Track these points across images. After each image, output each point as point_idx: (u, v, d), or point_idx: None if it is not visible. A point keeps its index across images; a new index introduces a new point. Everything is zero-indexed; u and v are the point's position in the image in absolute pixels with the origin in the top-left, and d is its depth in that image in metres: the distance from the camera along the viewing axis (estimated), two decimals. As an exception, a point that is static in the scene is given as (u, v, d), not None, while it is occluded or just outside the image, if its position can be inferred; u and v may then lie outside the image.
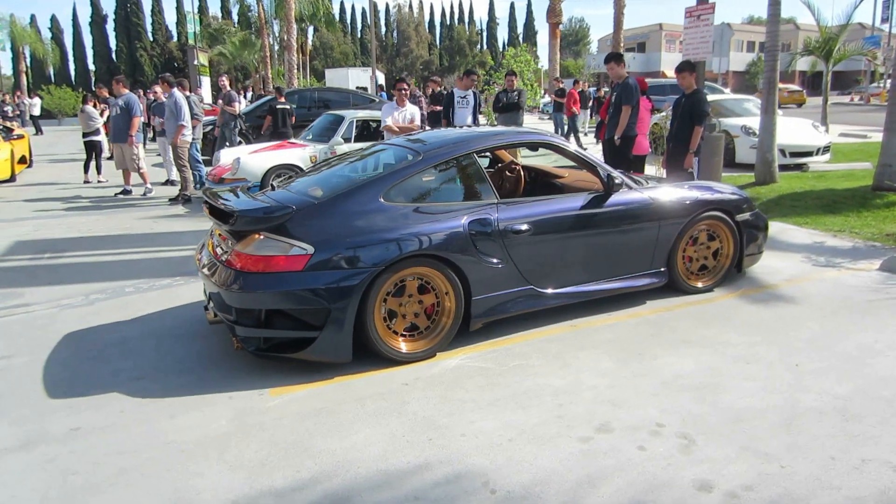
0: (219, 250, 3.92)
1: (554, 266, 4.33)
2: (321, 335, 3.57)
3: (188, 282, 5.54)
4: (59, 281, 5.68)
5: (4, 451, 2.96)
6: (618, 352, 3.92)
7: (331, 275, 3.56)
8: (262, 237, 3.68)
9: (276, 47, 42.98)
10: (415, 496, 2.55)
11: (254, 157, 8.99)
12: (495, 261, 4.02)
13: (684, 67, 7.02)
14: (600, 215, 4.48)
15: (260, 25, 35.80)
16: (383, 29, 75.26)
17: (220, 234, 4.03)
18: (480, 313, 4.04)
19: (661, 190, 4.81)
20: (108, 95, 13.25)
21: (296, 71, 28.97)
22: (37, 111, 28.36)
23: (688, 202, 4.80)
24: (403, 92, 8.21)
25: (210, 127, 12.66)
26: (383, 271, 3.63)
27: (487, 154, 5.48)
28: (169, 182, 11.20)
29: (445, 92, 14.57)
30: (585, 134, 9.50)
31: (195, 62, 30.97)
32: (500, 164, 5.74)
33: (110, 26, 61.32)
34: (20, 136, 14.48)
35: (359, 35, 74.65)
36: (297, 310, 3.60)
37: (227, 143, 11.46)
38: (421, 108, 9.34)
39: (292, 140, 10.24)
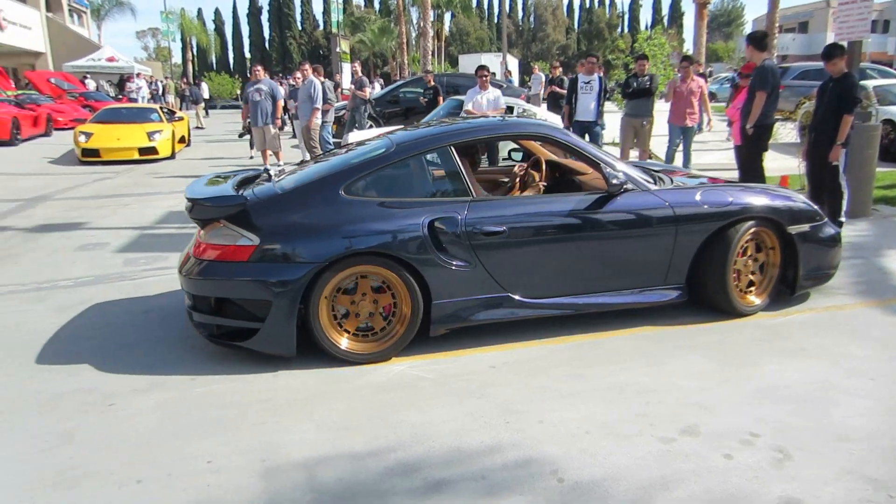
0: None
1: (536, 273, 3.89)
2: (263, 327, 3.53)
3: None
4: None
5: (136, 391, 3.36)
6: (718, 354, 3.73)
7: (273, 267, 3.50)
8: (221, 225, 3.68)
9: (414, 34, 44.03)
10: (482, 475, 2.60)
11: (379, 141, 9.34)
12: (461, 263, 3.69)
13: (834, 53, 6.35)
14: (597, 219, 3.93)
15: (398, 13, 36.78)
16: (520, 13, 74.66)
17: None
18: (442, 318, 3.75)
19: (682, 192, 4.16)
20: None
21: (431, 57, 29.56)
22: (206, 95, 31.19)
23: (716, 208, 4.05)
24: (485, 77, 8.82)
25: (342, 111, 13.28)
26: (328, 267, 3.50)
27: (476, 146, 4.89)
28: (303, 163, 11.91)
29: (564, 77, 14.30)
30: (700, 129, 8.88)
31: (338, 49, 32.47)
32: (532, 158, 5.13)
33: (265, 17, 65.62)
34: (180, 119, 15.96)
35: (495, 20, 74.54)
36: (241, 300, 3.61)
37: (357, 126, 11.99)
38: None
39: (416, 124, 10.51)
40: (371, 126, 12.07)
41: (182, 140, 15.35)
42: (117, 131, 13.39)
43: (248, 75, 14.86)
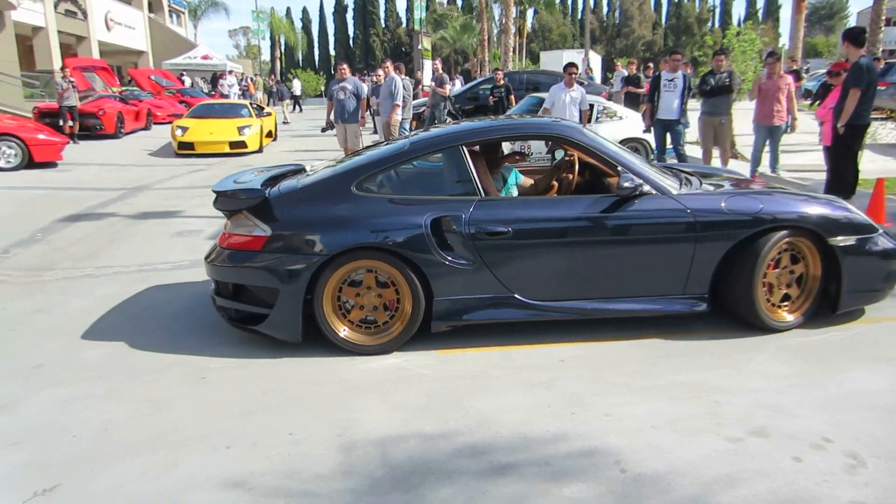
0: None
1: (541, 276, 3.86)
2: (272, 313, 3.74)
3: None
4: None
5: (227, 367, 3.65)
6: (799, 358, 3.65)
7: (282, 257, 3.69)
8: (242, 216, 3.91)
9: (496, 31, 44.04)
10: (546, 461, 2.69)
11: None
12: (464, 262, 3.73)
13: None
14: (607, 223, 3.83)
15: (480, 10, 36.90)
16: (605, 9, 73.24)
17: None
18: (443, 315, 3.80)
19: (706, 198, 3.96)
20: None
21: (512, 54, 29.51)
22: (297, 91, 32.37)
23: (743, 215, 3.80)
24: (573, 75, 8.73)
25: (422, 108, 13.52)
26: (331, 260, 3.64)
27: (478, 146, 4.51)
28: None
29: (640, 74, 13.98)
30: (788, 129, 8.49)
31: (419, 47, 32.91)
32: (566, 157, 4.98)
33: (349, 15, 67.18)
34: (268, 114, 16.68)
35: (579, 16, 73.49)
36: (254, 287, 3.85)
37: (436, 122, 12.20)
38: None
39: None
40: (450, 123, 12.26)
41: (269, 134, 16.04)
42: (210, 126, 14.14)
43: (333, 72, 15.28)
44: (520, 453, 2.76)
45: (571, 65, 8.97)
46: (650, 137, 9.49)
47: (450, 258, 3.72)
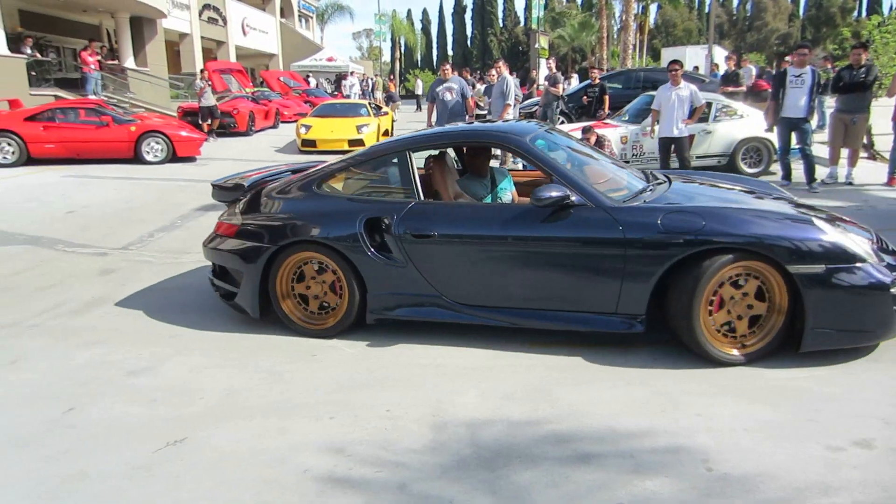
0: None
1: (468, 280, 3.86)
2: (239, 291, 4.28)
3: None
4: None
5: (336, 346, 3.94)
6: (915, 370, 3.43)
7: (246, 245, 4.20)
8: (233, 207, 4.54)
9: (616, 28, 42.99)
10: (631, 454, 2.73)
11: (567, 136, 9.46)
12: (393, 260, 3.91)
13: None
14: (528, 233, 3.73)
15: (600, 7, 36.18)
16: (735, 1, 69.42)
17: None
18: (375, 309, 4.02)
19: (643, 212, 3.61)
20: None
21: (631, 51, 28.78)
22: (420, 90, 33.31)
23: (679, 234, 3.43)
24: (675, 72, 8.41)
25: (534, 107, 13.55)
26: (280, 250, 4.07)
27: (434, 151, 4.64)
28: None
29: (738, 71, 13.21)
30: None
31: (536, 45, 32.77)
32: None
33: (468, 15, 67.89)
34: (385, 114, 17.31)
35: (706, 10, 70.11)
36: (228, 268, 4.40)
37: (548, 122, 12.20)
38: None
39: (606, 121, 10.46)
40: (563, 122, 12.21)
41: (385, 133, 16.63)
42: (332, 124, 14.90)
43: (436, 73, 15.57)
44: (605, 444, 2.82)
45: (675, 62, 8.74)
46: (773, 137, 9.02)
47: (380, 256, 3.93)
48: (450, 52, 70.00)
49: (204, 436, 3.00)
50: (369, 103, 17.38)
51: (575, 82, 20.18)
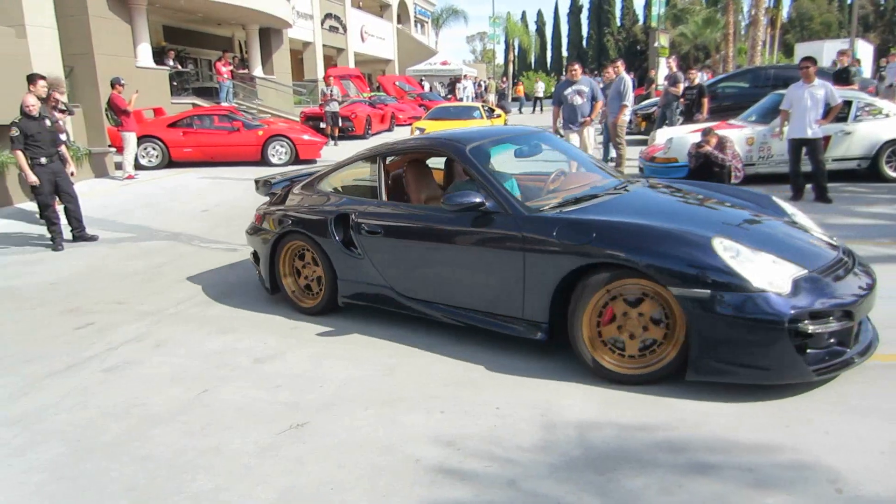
0: None
1: (408, 274, 4.24)
2: (259, 269, 5.15)
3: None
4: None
5: (447, 343, 4.03)
6: None
7: (262, 231, 5.02)
8: (269, 201, 5.25)
9: (744, 23, 40.74)
10: (750, 468, 2.61)
11: (687, 138, 9.11)
12: (353, 253, 4.41)
13: None
14: (447, 235, 3.96)
15: (726, 1, 34.43)
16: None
17: None
18: (344, 293, 4.57)
19: (544, 223, 3.58)
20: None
21: (760, 47, 27.21)
22: (540, 93, 33.32)
23: (568, 246, 3.39)
24: (807, 69, 7.73)
25: (653, 108, 13.13)
26: (280, 237, 4.80)
27: (395, 157, 4.98)
28: (610, 160, 12.11)
29: (851, 67, 12.06)
30: None
31: (655, 44, 31.69)
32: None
33: (584, 15, 66.74)
34: (498, 115, 17.39)
35: (847, 0, 64.85)
36: (255, 252, 5.26)
37: (667, 123, 11.79)
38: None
39: (731, 121, 9.96)
40: (682, 123, 11.74)
41: (498, 135, 16.72)
42: (444, 127, 15.15)
43: (563, 73, 15.34)
44: (722, 455, 2.71)
45: (807, 59, 8.06)
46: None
47: (344, 248, 4.45)
48: (564, 53, 69.12)
49: (323, 421, 3.18)
50: (482, 106, 17.52)
51: (697, 81, 19.30)
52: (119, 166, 12.14)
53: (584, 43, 67.34)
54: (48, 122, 7.40)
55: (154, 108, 14.65)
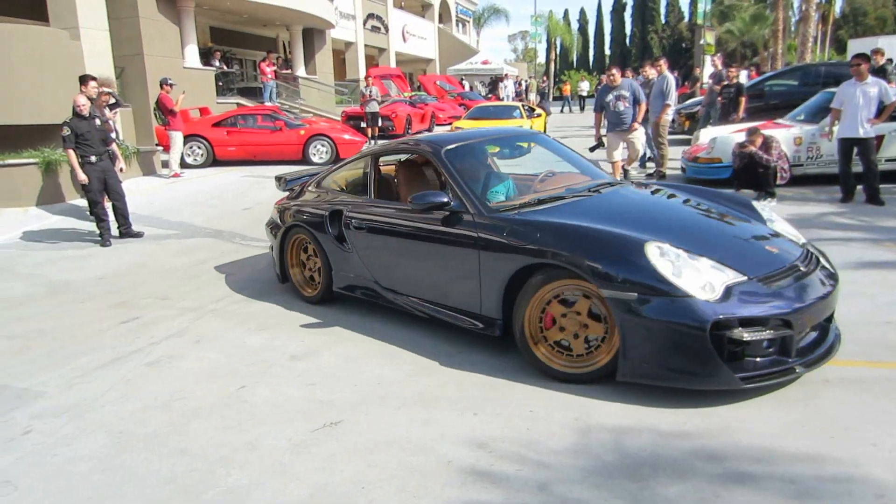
0: None
1: (390, 269, 4.49)
2: (272, 257, 5.57)
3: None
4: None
5: (467, 345, 4.02)
6: None
7: (273, 225, 5.52)
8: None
9: (794, 19, 39.60)
10: (791, 479, 2.53)
11: (731, 138, 8.89)
12: (344, 247, 4.72)
13: None
14: (423, 232, 4.13)
15: (776, -3, 33.46)
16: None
17: None
18: (339, 286, 4.85)
19: (499, 224, 3.70)
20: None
21: (811, 44, 26.41)
22: (584, 92, 33.01)
23: (514, 245, 3.53)
24: (860, 66, 7.41)
25: (696, 107, 12.86)
26: (287, 231, 5.21)
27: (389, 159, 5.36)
28: (649, 159, 11.89)
29: (888, 67, 11.50)
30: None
31: (701, 41, 31.03)
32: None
33: (628, 13, 65.80)
34: (538, 115, 17.26)
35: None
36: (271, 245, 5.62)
37: (711, 122, 11.53)
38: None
39: (778, 121, 9.69)
40: (716, 123, 11.46)
41: (538, 135, 16.61)
42: (483, 126, 15.13)
43: (603, 77, 15.02)
44: (762, 465, 2.63)
45: (859, 56, 7.73)
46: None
47: (336, 241, 4.77)
48: (607, 52, 68.28)
49: (357, 420, 3.20)
50: (522, 105, 17.42)
51: (738, 79, 18.85)
52: (165, 164, 12.45)
53: (628, 41, 66.35)
54: (98, 122, 7.65)
55: (200, 107, 14.98)
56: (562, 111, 30.43)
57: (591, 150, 9.41)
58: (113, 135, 8.64)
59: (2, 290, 5.99)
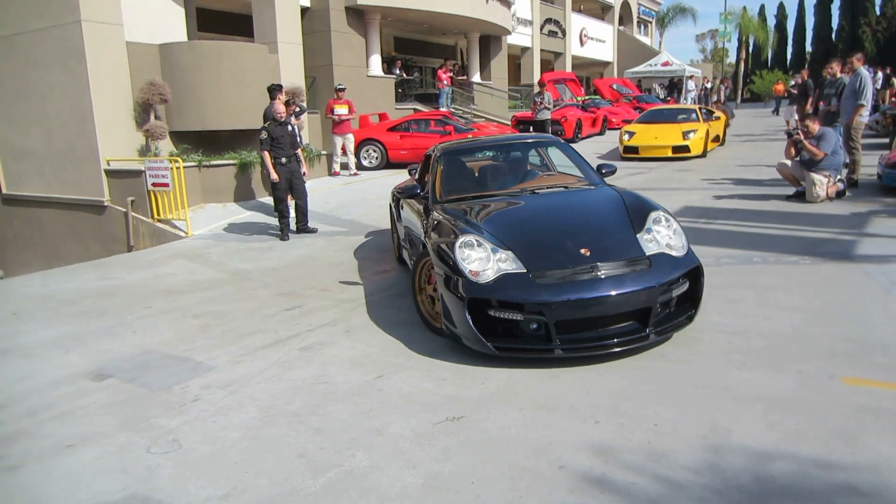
0: None
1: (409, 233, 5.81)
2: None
3: (814, 262, 5.50)
4: (700, 242, 6.47)
5: (598, 354, 3.90)
6: None
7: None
8: None
9: None
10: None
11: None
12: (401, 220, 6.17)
13: None
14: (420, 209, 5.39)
15: None
16: None
17: None
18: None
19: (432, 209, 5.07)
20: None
21: None
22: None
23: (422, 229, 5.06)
24: None
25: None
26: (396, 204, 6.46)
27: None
28: (844, 165, 10.68)
29: None
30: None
31: (923, 33, 27.17)
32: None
33: (835, 5, 59.35)
34: (717, 118, 16.18)
35: None
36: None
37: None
38: None
39: None
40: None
41: (716, 139, 15.56)
42: (656, 131, 14.48)
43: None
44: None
45: None
46: None
47: (397, 214, 6.44)
48: (808, 49, 62.08)
49: (478, 417, 3.27)
50: (700, 108, 16.43)
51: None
52: (344, 166, 13.43)
53: (834, 36, 59.69)
54: (290, 127, 8.50)
55: (379, 113, 15.95)
56: (775, 112, 28.01)
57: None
58: (298, 139, 9.53)
59: (195, 276, 6.87)
